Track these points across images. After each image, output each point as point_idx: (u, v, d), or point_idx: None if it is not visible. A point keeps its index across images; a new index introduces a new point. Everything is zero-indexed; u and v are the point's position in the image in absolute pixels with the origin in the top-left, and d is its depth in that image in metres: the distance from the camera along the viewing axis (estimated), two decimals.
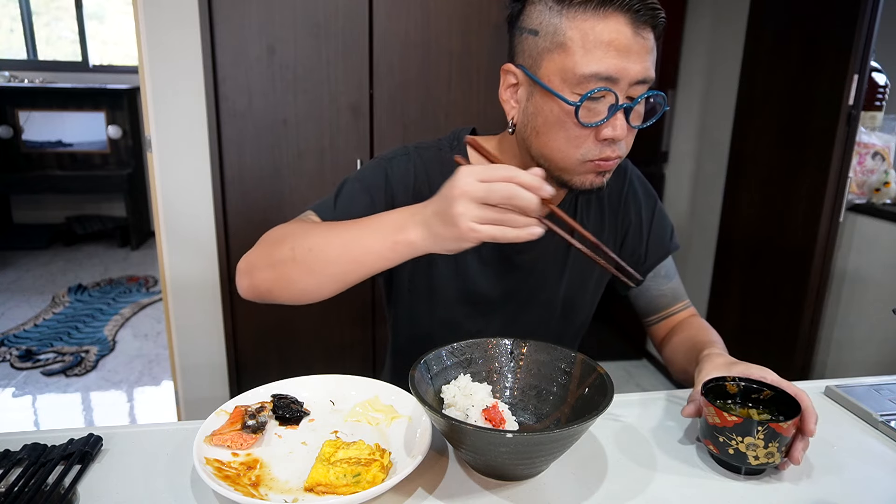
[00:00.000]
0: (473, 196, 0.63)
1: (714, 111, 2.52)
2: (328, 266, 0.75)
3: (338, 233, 0.76)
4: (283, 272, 0.78)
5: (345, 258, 0.74)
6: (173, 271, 1.91)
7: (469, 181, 0.63)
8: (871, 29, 1.77)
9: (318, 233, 0.77)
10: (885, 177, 1.98)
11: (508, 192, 0.62)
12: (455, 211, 0.63)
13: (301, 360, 1.97)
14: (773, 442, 0.68)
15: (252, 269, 0.82)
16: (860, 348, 1.98)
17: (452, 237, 0.66)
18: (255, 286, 0.82)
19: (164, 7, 1.73)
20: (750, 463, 0.69)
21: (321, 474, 0.64)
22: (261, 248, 0.82)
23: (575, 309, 1.02)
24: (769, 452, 0.68)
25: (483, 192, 0.63)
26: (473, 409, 0.72)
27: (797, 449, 0.70)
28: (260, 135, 1.78)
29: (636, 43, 0.73)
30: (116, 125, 4.38)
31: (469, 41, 1.80)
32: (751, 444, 0.68)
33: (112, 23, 4.65)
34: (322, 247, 0.75)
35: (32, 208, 4.62)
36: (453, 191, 0.64)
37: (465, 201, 0.63)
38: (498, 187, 0.62)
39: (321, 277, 0.76)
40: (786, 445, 0.69)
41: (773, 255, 2.16)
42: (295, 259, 0.76)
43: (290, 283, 0.78)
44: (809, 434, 0.70)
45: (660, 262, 1.02)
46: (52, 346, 2.92)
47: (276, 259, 0.78)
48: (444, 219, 0.65)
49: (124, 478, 0.69)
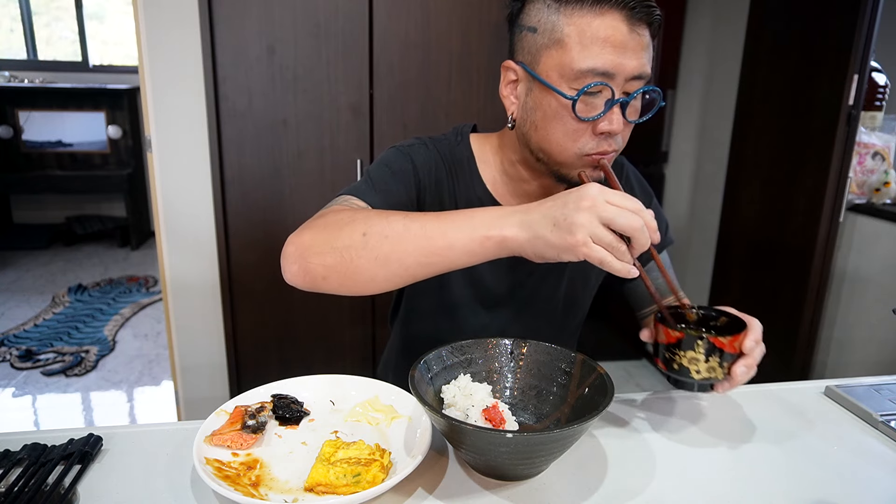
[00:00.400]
0: (601, 215, 0.63)
1: (714, 111, 2.52)
2: (404, 257, 0.70)
3: (420, 223, 0.71)
4: (349, 259, 0.72)
5: (425, 250, 0.70)
6: (173, 271, 1.91)
7: (600, 199, 0.63)
8: (871, 29, 1.77)
9: (395, 220, 0.72)
10: (885, 177, 1.98)
11: (634, 224, 0.63)
12: (577, 221, 0.63)
13: (301, 360, 1.97)
14: (714, 356, 0.71)
15: (306, 254, 0.74)
16: (860, 348, 1.98)
17: (561, 245, 0.64)
18: (309, 272, 0.74)
19: (164, 7, 1.73)
20: (693, 377, 0.72)
21: (321, 474, 0.64)
22: (318, 231, 0.75)
23: (575, 305, 1.03)
24: (710, 367, 0.72)
25: (611, 215, 0.63)
26: (473, 409, 0.72)
27: (738, 366, 0.72)
28: (260, 135, 1.78)
29: (632, 39, 0.75)
30: (116, 125, 4.38)
31: (469, 41, 1.80)
32: (692, 359, 0.72)
33: (112, 23, 4.65)
34: (400, 235, 0.70)
35: (32, 208, 4.62)
36: (582, 202, 0.63)
37: (591, 216, 0.63)
38: (627, 216, 0.63)
39: (393, 268, 0.71)
40: (728, 362, 0.72)
41: (773, 255, 2.16)
42: (367, 246, 0.71)
43: (355, 271, 0.72)
44: (746, 351, 0.72)
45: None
46: (52, 346, 2.92)
47: (343, 244, 0.72)
48: (561, 225, 0.64)
49: (124, 478, 0.69)
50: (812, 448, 0.78)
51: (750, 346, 0.73)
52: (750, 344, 0.73)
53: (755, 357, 0.74)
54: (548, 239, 0.65)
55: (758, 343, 0.74)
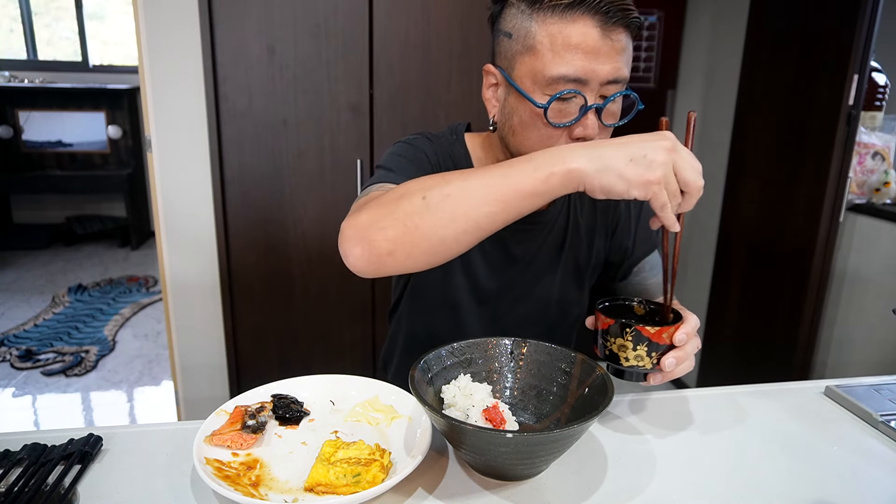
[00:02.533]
0: (677, 161, 0.65)
1: (714, 111, 2.52)
2: (470, 210, 0.69)
3: (478, 175, 0.70)
4: (414, 226, 0.70)
5: (491, 198, 0.68)
6: (173, 271, 1.91)
7: (680, 146, 0.66)
8: (871, 29, 1.77)
9: (453, 178, 0.71)
10: (885, 177, 1.98)
11: (697, 182, 0.65)
12: (658, 159, 0.64)
13: (301, 360, 1.97)
14: (641, 345, 0.73)
15: (368, 232, 0.71)
16: (860, 348, 1.98)
17: (636, 179, 0.64)
18: (373, 249, 0.71)
19: (164, 7, 1.73)
20: (621, 364, 0.75)
21: (321, 474, 0.64)
22: (375, 208, 0.73)
23: (569, 302, 1.04)
24: (638, 355, 0.74)
25: (685, 165, 0.65)
26: (474, 410, 0.72)
27: (667, 357, 0.73)
28: (260, 135, 1.78)
29: (605, 45, 0.75)
30: (116, 125, 4.37)
31: (469, 41, 1.80)
32: (622, 346, 0.74)
33: (112, 23, 4.65)
34: (463, 190, 0.69)
35: (32, 208, 4.62)
36: (663, 142, 0.65)
37: (669, 159, 0.65)
38: (694, 172, 0.65)
39: (461, 224, 0.69)
40: (656, 352, 0.74)
41: (773, 255, 2.16)
42: (429, 208, 0.69)
43: (422, 237, 0.70)
44: (677, 343, 0.73)
45: (646, 256, 1.02)
46: (52, 346, 2.92)
47: (405, 212, 0.70)
48: (639, 161, 0.64)
49: (124, 478, 0.69)
50: (812, 448, 0.78)
51: (680, 339, 0.74)
52: (680, 336, 0.73)
53: (686, 350, 0.74)
54: (622, 172, 0.65)
55: (689, 336, 0.74)
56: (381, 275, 0.74)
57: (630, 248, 1.03)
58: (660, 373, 0.75)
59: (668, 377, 0.76)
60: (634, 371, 0.76)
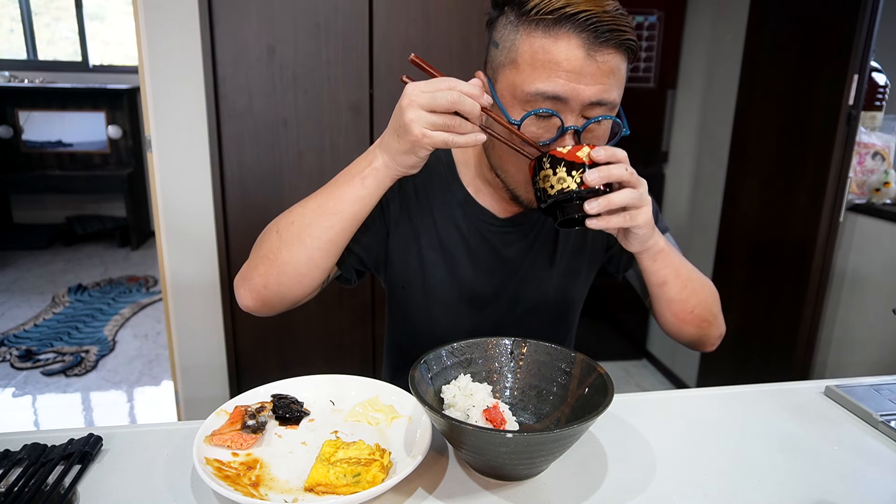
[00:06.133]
0: (421, 103, 0.69)
1: (714, 111, 2.52)
2: (313, 229, 0.79)
3: (313, 196, 0.81)
4: (275, 256, 0.80)
5: (324, 214, 0.78)
6: (173, 271, 1.91)
7: (415, 91, 0.70)
8: (871, 29, 1.77)
9: (297, 206, 0.81)
10: (885, 177, 1.98)
11: (452, 97, 0.68)
12: (407, 119, 0.70)
13: (301, 360, 1.97)
14: (560, 167, 0.72)
15: (245, 272, 0.85)
16: (860, 348, 1.98)
17: (409, 146, 0.72)
18: (251, 286, 0.84)
19: (164, 7, 1.73)
20: (550, 195, 0.73)
21: (321, 474, 0.64)
22: (252, 254, 0.87)
23: (567, 302, 1.02)
24: (559, 178, 0.72)
25: (429, 99, 0.69)
26: (474, 410, 0.72)
27: (589, 172, 0.71)
28: (260, 135, 1.78)
29: (589, 65, 0.72)
30: (116, 125, 4.38)
31: (469, 42, 1.80)
32: (545, 177, 0.74)
33: (112, 23, 4.65)
34: (302, 215, 0.79)
35: (32, 208, 4.62)
36: (402, 101, 0.70)
37: (415, 108, 0.69)
38: (442, 94, 0.69)
39: (308, 243, 0.79)
40: (577, 171, 0.71)
41: (773, 255, 2.16)
42: (282, 239, 0.80)
43: (283, 264, 0.80)
44: (595, 159, 0.71)
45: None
46: (52, 346, 2.92)
47: (268, 248, 0.82)
48: (399, 131, 0.71)
49: (124, 478, 0.69)
50: (812, 448, 0.78)
51: (598, 154, 0.71)
52: (598, 153, 0.71)
53: (611, 170, 0.71)
54: (399, 148, 0.73)
55: (609, 154, 0.71)
56: (272, 311, 0.87)
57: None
58: (594, 198, 0.71)
59: (605, 203, 0.71)
60: (564, 199, 0.72)
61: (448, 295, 0.96)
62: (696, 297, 0.89)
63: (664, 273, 0.86)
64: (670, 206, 2.84)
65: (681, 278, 0.87)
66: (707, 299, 0.92)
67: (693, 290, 0.89)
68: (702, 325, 0.92)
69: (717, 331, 0.95)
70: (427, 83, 0.70)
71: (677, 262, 0.87)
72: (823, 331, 2.08)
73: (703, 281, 0.92)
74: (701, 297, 0.90)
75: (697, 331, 0.92)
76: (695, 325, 0.91)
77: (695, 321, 0.91)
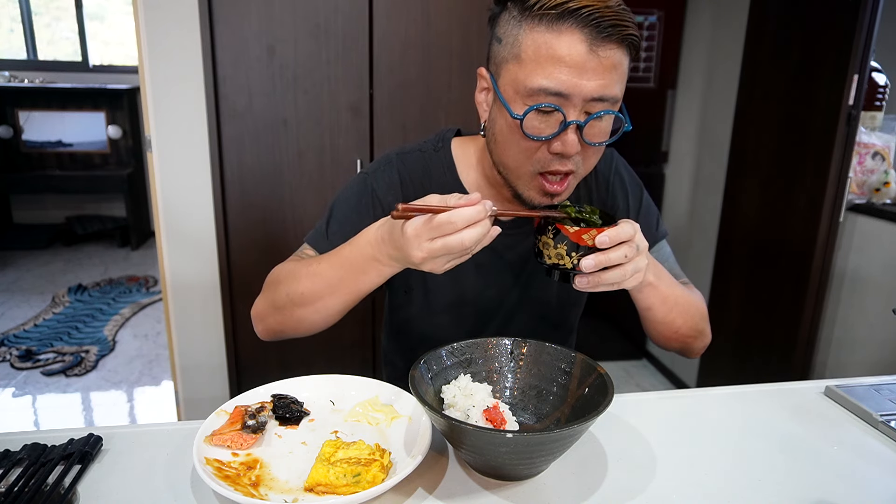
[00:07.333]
0: (431, 257, 0.68)
1: (714, 111, 2.52)
2: (327, 301, 0.82)
3: (323, 276, 0.81)
4: (289, 314, 0.85)
5: (338, 294, 0.81)
6: (173, 271, 1.91)
7: (417, 253, 0.68)
8: (871, 29, 1.77)
9: (306, 276, 0.83)
10: (885, 177, 1.98)
11: (464, 245, 0.66)
12: (421, 265, 0.70)
13: (301, 360, 1.96)
14: (561, 244, 0.74)
15: (262, 316, 0.90)
16: (860, 348, 1.98)
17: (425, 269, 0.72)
18: (269, 329, 0.90)
19: (164, 7, 1.73)
20: (545, 261, 0.76)
21: (321, 474, 0.64)
22: (264, 294, 0.90)
23: (569, 305, 1.03)
24: (559, 254, 0.75)
25: (443, 250, 0.67)
26: (474, 410, 0.72)
27: (586, 258, 0.72)
28: (260, 135, 1.78)
29: (591, 60, 0.72)
30: (116, 125, 4.37)
31: (469, 41, 1.80)
32: (545, 243, 0.76)
33: (112, 23, 4.65)
34: (313, 292, 0.82)
35: (32, 208, 4.62)
36: (412, 252, 0.68)
37: (430, 262, 0.69)
38: (443, 246, 0.66)
39: (322, 311, 0.83)
40: (577, 253, 0.73)
41: (773, 255, 2.16)
42: (294, 303, 0.84)
43: (297, 322, 0.86)
44: (598, 245, 0.71)
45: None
46: (52, 346, 2.92)
47: (278, 305, 0.86)
48: (408, 264, 0.72)
49: (124, 478, 0.69)
50: (812, 448, 0.78)
51: (602, 241, 0.71)
52: (602, 238, 0.71)
53: (610, 256, 0.71)
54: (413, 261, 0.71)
55: (613, 240, 0.71)
56: (286, 338, 0.91)
57: None
58: (585, 276, 0.73)
59: (595, 283, 0.73)
60: (557, 270, 0.76)
61: (450, 298, 0.96)
62: (681, 319, 0.92)
63: (650, 301, 0.88)
64: (670, 206, 2.84)
65: (667, 304, 0.89)
66: (693, 318, 0.94)
67: (679, 312, 0.91)
68: (686, 340, 0.96)
69: (700, 343, 0.99)
70: (430, 230, 0.67)
71: (664, 292, 0.88)
72: (823, 331, 2.08)
73: (689, 302, 0.94)
74: (686, 318, 0.93)
75: (682, 345, 0.97)
76: (679, 342, 0.96)
77: (679, 338, 0.95)
